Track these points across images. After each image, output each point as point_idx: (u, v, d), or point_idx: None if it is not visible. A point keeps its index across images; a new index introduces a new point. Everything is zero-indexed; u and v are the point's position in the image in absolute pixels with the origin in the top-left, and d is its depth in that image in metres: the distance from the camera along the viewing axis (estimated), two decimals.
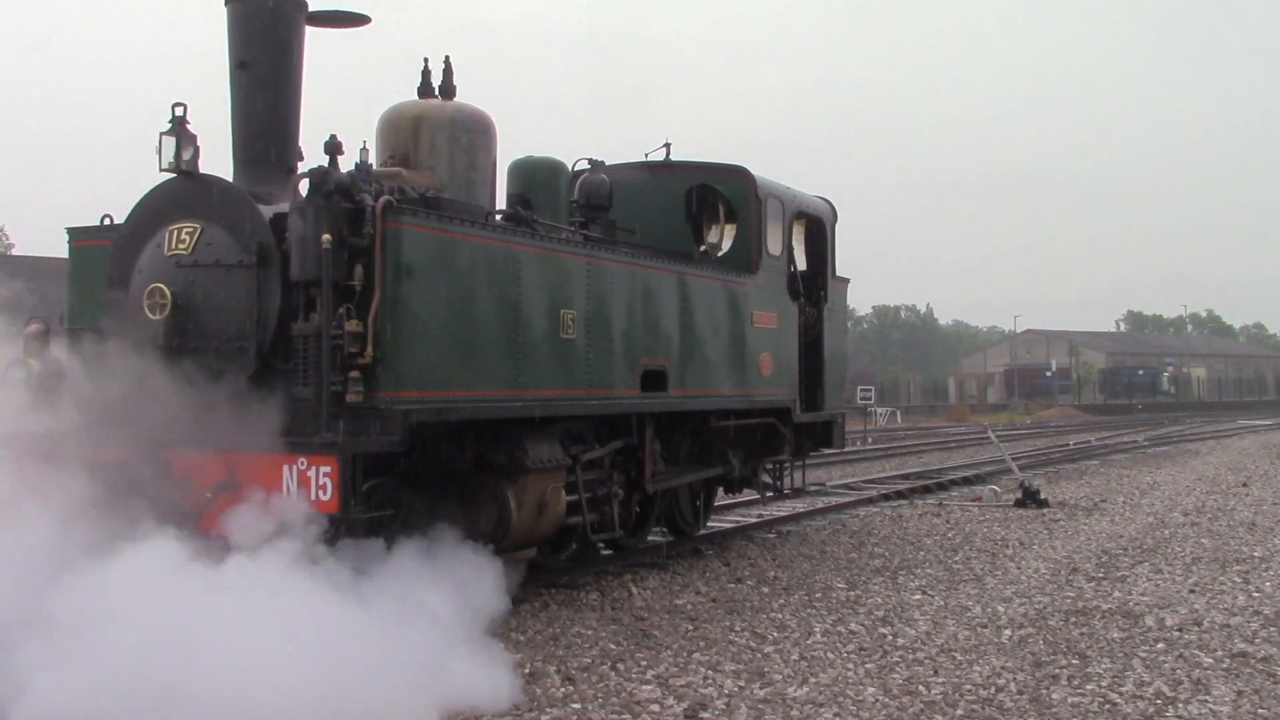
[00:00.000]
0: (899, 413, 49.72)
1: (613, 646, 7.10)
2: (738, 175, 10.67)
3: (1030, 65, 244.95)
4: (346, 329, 6.55)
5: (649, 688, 6.21)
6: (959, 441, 29.76)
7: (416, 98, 8.58)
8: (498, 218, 8.41)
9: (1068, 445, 28.74)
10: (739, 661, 6.79)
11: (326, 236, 6.49)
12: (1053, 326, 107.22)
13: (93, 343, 7.13)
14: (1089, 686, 6.31)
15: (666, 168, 10.87)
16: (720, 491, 11.72)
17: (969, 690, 6.22)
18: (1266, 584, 9.31)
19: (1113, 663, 6.81)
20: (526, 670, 6.42)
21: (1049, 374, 77.05)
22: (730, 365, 10.09)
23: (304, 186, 7.14)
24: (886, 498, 15.74)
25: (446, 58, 8.66)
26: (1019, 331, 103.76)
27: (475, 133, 8.46)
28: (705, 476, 10.62)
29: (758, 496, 11.95)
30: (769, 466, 11.51)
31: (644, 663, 6.73)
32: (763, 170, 10.80)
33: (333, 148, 6.97)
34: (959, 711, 5.86)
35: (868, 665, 6.73)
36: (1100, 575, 9.72)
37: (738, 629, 7.57)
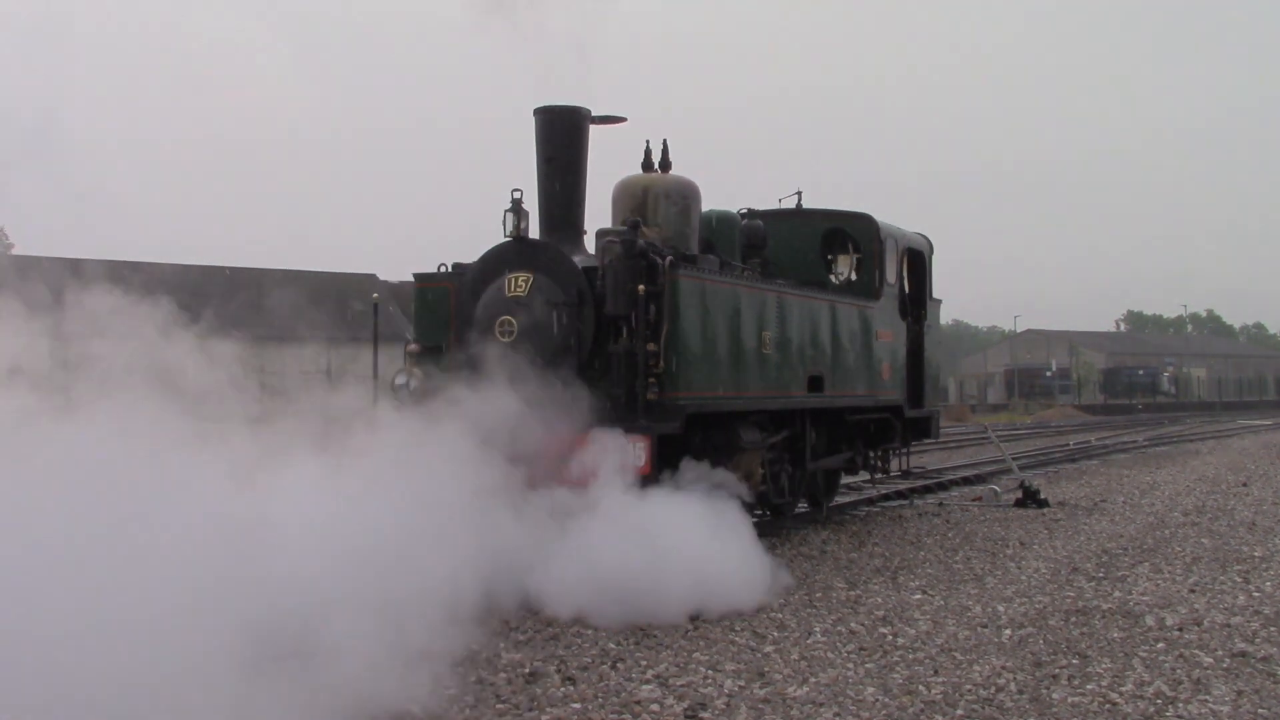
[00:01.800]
0: None
1: (612, 646, 7.10)
2: (864, 220, 13.28)
3: (1030, 65, 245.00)
4: (647, 349, 9.16)
5: (649, 688, 6.21)
6: (959, 441, 29.73)
7: (641, 171, 11.02)
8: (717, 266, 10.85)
9: (1068, 445, 28.73)
10: (739, 661, 6.79)
11: (642, 287, 9.14)
12: (1053, 326, 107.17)
13: (451, 357, 9.78)
14: (1089, 686, 6.31)
15: (803, 214, 13.52)
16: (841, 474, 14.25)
17: (969, 690, 6.22)
18: (1266, 584, 9.30)
19: (1113, 662, 6.81)
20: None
21: (1049, 374, 77.05)
22: (862, 371, 12.75)
23: (589, 241, 10.20)
24: (886, 498, 15.74)
25: (664, 140, 11.09)
26: (1019, 331, 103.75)
27: (688, 197, 10.89)
28: (845, 458, 13.27)
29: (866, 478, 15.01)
30: (878, 453, 14.16)
31: (644, 663, 6.73)
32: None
33: (634, 224, 9.71)
34: (959, 711, 5.86)
35: (868, 665, 6.73)
36: (1100, 575, 9.72)
37: (738, 628, 7.57)
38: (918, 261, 14.55)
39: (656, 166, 11.03)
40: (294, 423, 7.80)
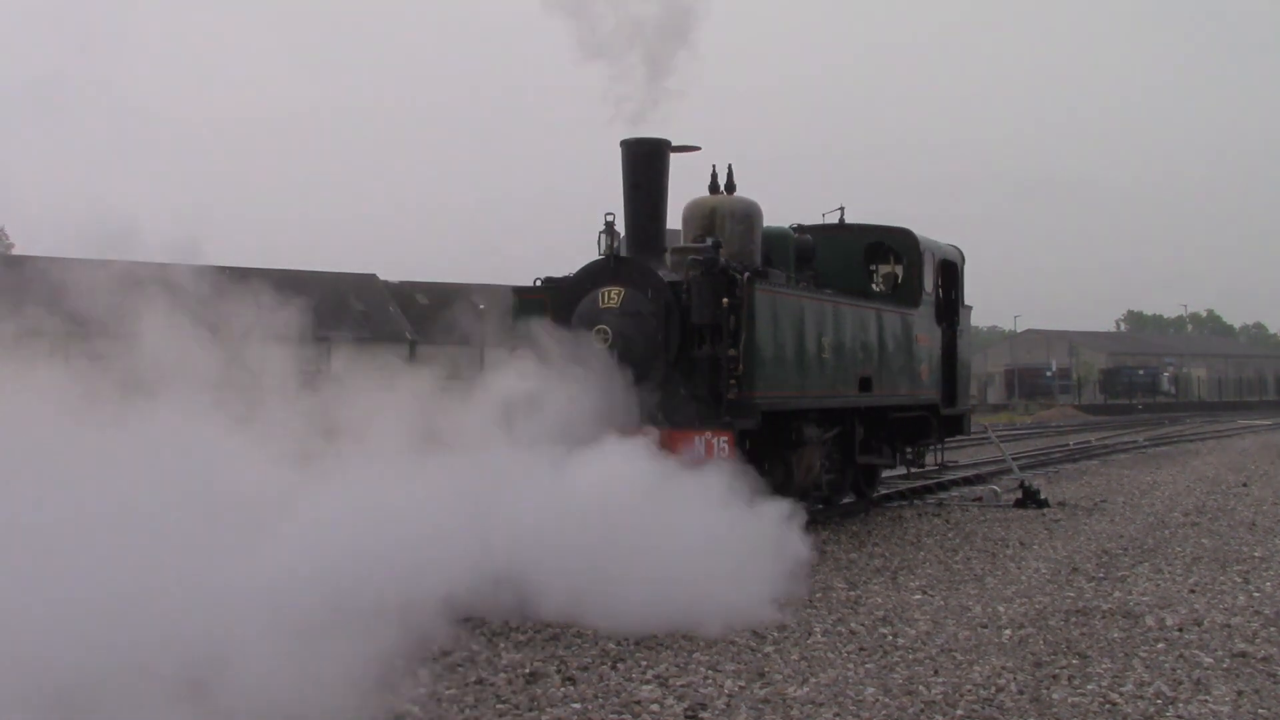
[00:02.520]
0: None
1: (612, 646, 7.09)
2: (905, 235, 14.37)
3: (1030, 65, 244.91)
4: (729, 354, 10.31)
5: (649, 688, 6.21)
6: (959, 441, 29.67)
7: (708, 193, 12.07)
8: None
9: (1068, 445, 28.69)
10: (739, 661, 6.78)
11: (725, 300, 10.31)
12: (1053, 326, 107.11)
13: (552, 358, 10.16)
14: (1089, 686, 6.31)
15: (847, 228, 14.61)
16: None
17: (969, 690, 6.22)
18: (1266, 584, 9.30)
19: (1113, 663, 6.81)
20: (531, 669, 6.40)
21: (1049, 374, 76.92)
22: (905, 373, 13.83)
23: (668, 258, 11.24)
24: (887, 498, 15.73)
25: (729, 165, 12.11)
26: (1019, 331, 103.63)
27: (751, 216, 11.96)
28: (888, 453, 14.45)
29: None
30: (915, 448, 15.32)
31: (644, 663, 6.73)
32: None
33: (716, 244, 10.87)
34: (959, 711, 5.86)
35: (868, 665, 6.73)
36: (1100, 575, 9.72)
37: (737, 628, 7.57)
38: (950, 271, 15.58)
39: (722, 189, 12.09)
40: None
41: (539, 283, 11.49)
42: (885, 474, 15.94)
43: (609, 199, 11.14)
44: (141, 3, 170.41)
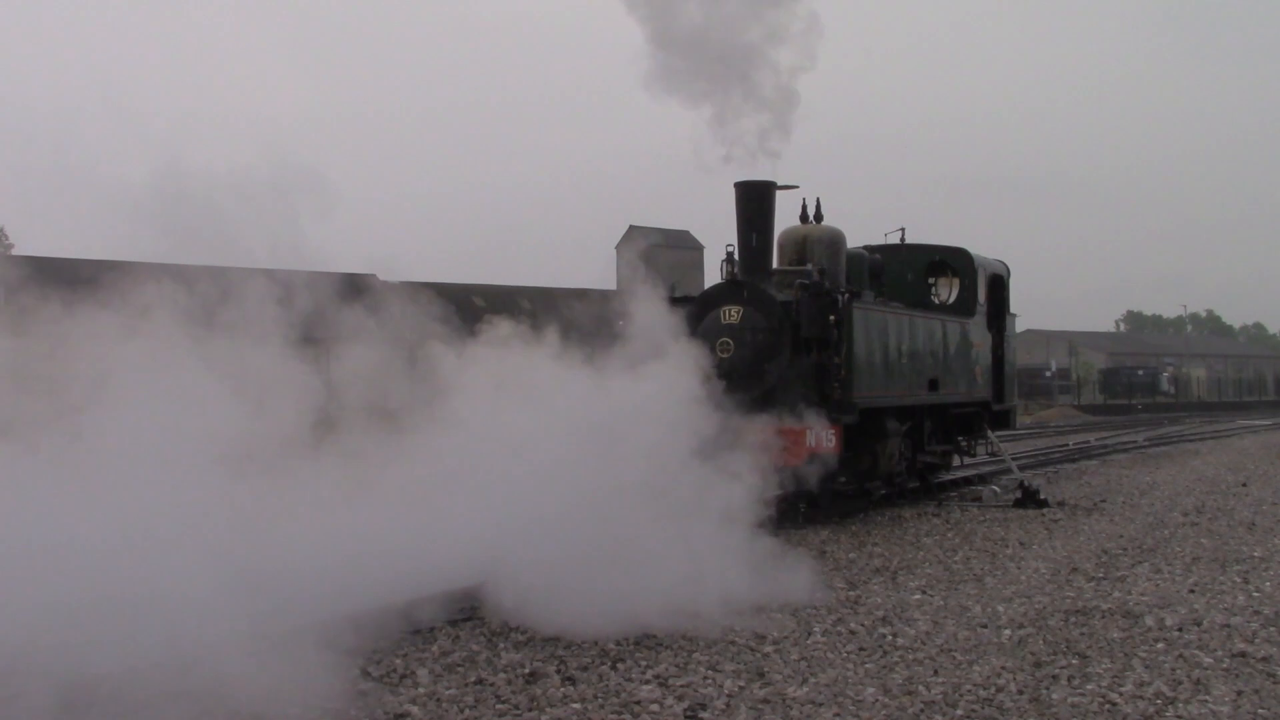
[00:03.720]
0: None
1: (612, 646, 7.09)
2: (962, 253, 16.52)
3: (1030, 65, 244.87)
4: (834, 361, 12.41)
5: (649, 688, 6.21)
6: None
7: (799, 222, 14.29)
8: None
9: (1067, 445, 28.70)
10: (739, 661, 6.78)
11: (832, 317, 12.43)
12: (1053, 326, 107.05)
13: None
14: (1089, 686, 6.31)
15: (909, 248, 16.62)
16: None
17: (969, 690, 6.22)
18: (1266, 584, 9.30)
19: (1113, 663, 6.81)
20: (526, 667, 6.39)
21: (1049, 374, 76.89)
22: (963, 374, 15.94)
23: (777, 280, 13.26)
24: (887, 498, 15.71)
25: (818, 199, 14.32)
26: (1019, 331, 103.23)
27: (837, 243, 14.11)
28: (949, 445, 16.66)
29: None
30: (968, 440, 17.38)
31: (644, 663, 6.73)
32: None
33: (821, 270, 13.05)
34: (959, 711, 5.86)
35: (868, 665, 6.73)
36: (1100, 575, 9.72)
37: (737, 628, 7.57)
38: (998, 284, 17.67)
39: (811, 218, 14.25)
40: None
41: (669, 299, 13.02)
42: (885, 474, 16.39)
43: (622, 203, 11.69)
44: (141, 4, 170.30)
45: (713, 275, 13.69)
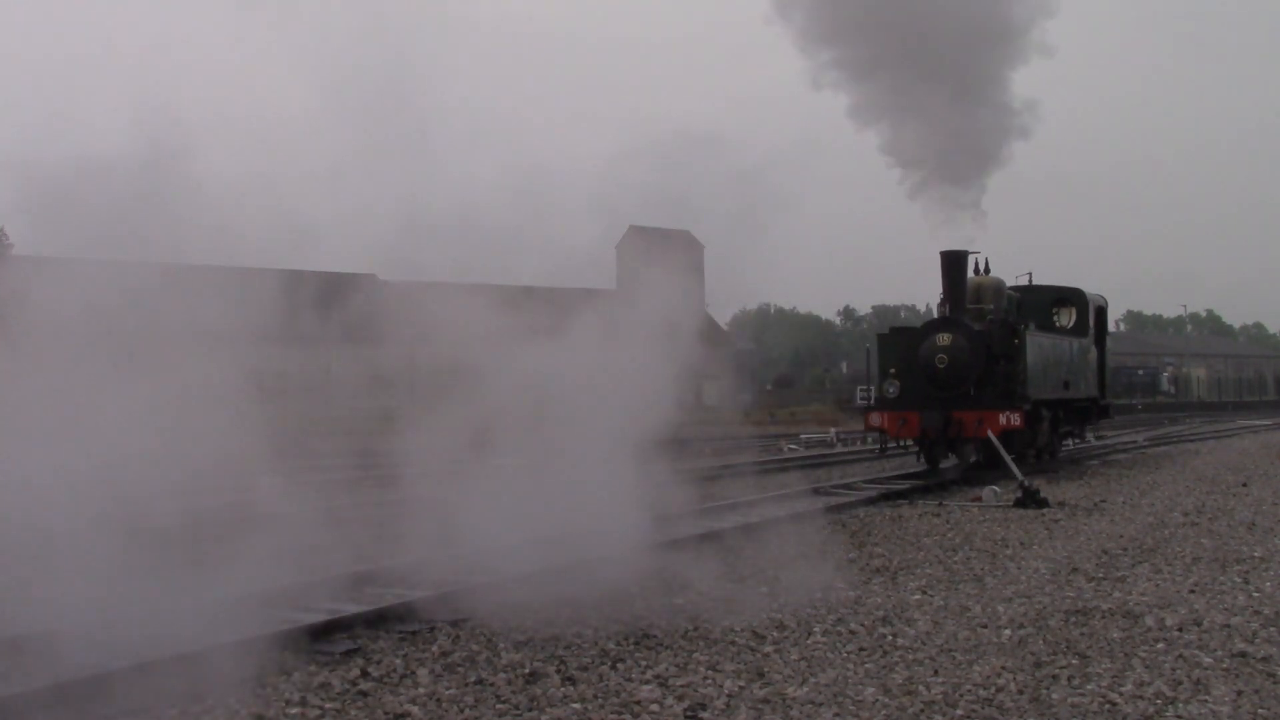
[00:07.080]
0: None
1: (612, 646, 7.10)
2: (1077, 292, 23.32)
3: (1029, 65, 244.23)
4: (1016, 369, 18.77)
5: (649, 688, 6.21)
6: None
7: (973, 274, 19.92)
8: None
9: (1068, 445, 28.68)
10: (739, 661, 6.79)
11: (1015, 340, 18.95)
12: None
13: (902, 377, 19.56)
14: (1089, 686, 6.31)
15: (1037, 289, 22.85)
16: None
17: (969, 690, 6.22)
18: (1266, 584, 9.30)
19: (1113, 663, 6.81)
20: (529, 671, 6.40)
21: None
22: (1082, 378, 22.60)
23: (969, 316, 19.54)
24: (887, 498, 15.73)
25: (985, 257, 20.83)
26: None
27: (1000, 289, 20.38)
28: (1069, 430, 23.54)
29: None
30: (1080, 427, 24.58)
31: (644, 663, 6.73)
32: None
33: (1007, 310, 20.13)
34: (959, 711, 5.86)
35: (868, 665, 6.73)
36: (1100, 575, 9.72)
37: (737, 629, 7.57)
38: (1101, 313, 24.24)
39: (982, 270, 20.40)
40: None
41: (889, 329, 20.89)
42: (889, 473, 20.02)
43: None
44: (143, 2, 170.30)
45: (713, 275, 14.16)
